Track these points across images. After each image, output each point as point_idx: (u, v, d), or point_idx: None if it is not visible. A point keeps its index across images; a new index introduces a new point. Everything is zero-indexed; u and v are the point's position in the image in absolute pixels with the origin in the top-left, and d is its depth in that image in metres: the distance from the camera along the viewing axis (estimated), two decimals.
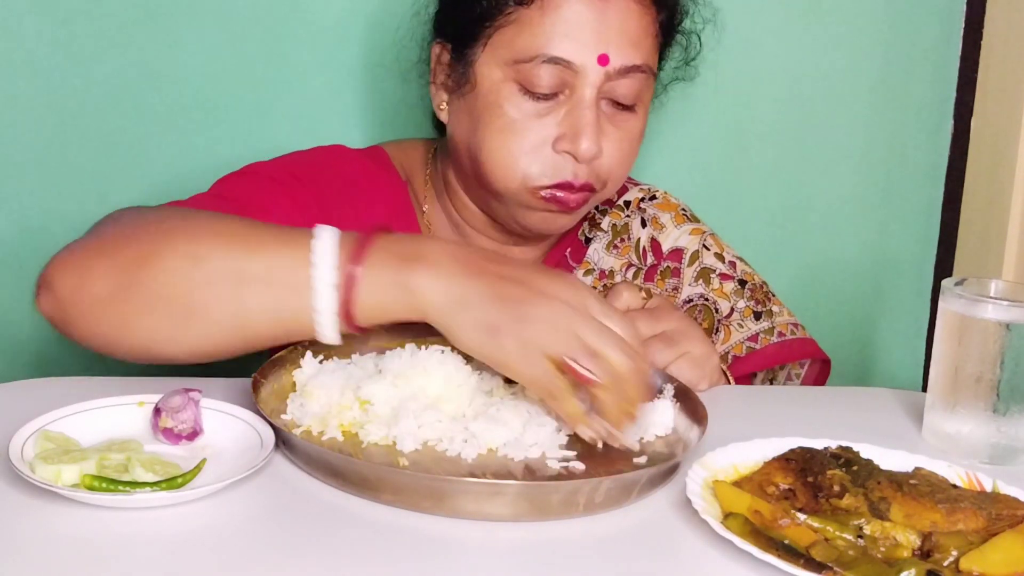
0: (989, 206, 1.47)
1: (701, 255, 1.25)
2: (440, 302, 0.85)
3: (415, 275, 0.85)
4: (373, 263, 0.85)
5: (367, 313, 0.86)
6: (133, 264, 0.87)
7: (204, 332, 0.87)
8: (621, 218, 1.27)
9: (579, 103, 1.07)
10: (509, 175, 1.09)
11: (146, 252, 0.87)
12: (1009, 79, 1.44)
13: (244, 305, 0.86)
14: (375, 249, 0.86)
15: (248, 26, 1.38)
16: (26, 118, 1.36)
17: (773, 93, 1.50)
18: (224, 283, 0.86)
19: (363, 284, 0.85)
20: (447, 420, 0.87)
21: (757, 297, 1.24)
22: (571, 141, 1.07)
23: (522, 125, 1.08)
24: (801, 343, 1.25)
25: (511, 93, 1.08)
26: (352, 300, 0.85)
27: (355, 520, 0.77)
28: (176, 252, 0.87)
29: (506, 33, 1.08)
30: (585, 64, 1.06)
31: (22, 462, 0.77)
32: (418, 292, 0.85)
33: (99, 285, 0.87)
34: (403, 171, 1.25)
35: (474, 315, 0.84)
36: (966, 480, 0.86)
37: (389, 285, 0.85)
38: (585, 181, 1.09)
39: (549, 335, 0.83)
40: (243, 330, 0.87)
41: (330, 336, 0.87)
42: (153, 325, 0.87)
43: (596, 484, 0.79)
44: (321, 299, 0.85)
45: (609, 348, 0.83)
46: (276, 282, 0.85)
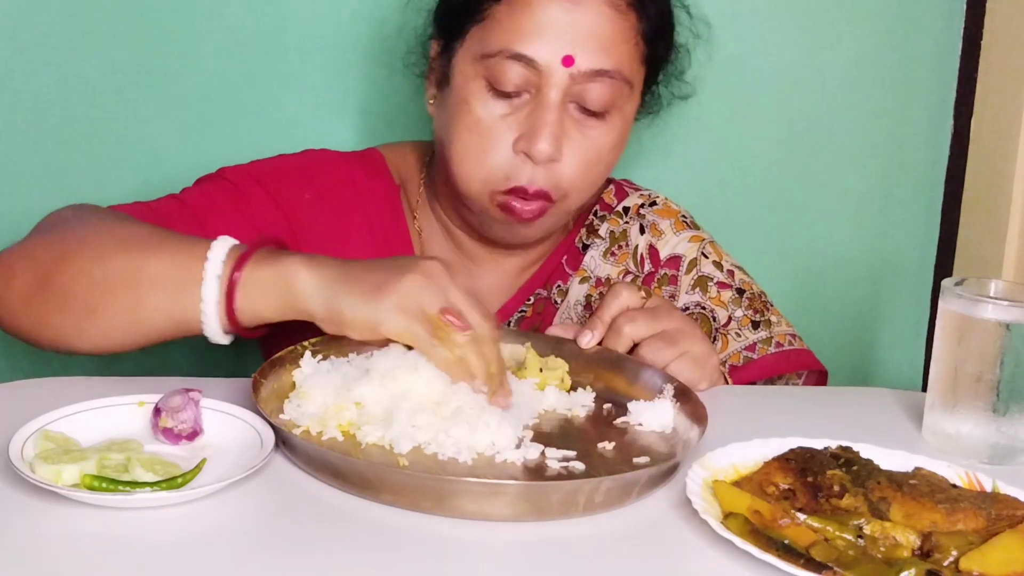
0: (989, 206, 1.47)
1: (699, 263, 1.24)
2: (317, 285, 0.91)
3: (293, 265, 0.91)
4: (259, 257, 0.92)
5: (248, 304, 0.91)
6: (49, 265, 0.95)
7: (105, 328, 0.94)
8: (619, 225, 1.26)
9: (541, 104, 1.07)
10: (470, 174, 1.10)
11: (60, 256, 0.96)
12: (1009, 79, 1.44)
13: (140, 303, 0.93)
14: (264, 251, 0.93)
15: (246, 26, 1.38)
16: (23, 118, 1.36)
17: (773, 94, 1.50)
18: (122, 282, 0.93)
19: (246, 274, 0.91)
20: (441, 420, 0.87)
21: (755, 306, 1.23)
22: (527, 140, 1.07)
23: (486, 125, 1.09)
24: (798, 354, 1.23)
25: (479, 90, 1.09)
26: (234, 290, 0.91)
27: (355, 520, 0.77)
28: (85, 255, 0.95)
29: (479, 29, 1.09)
30: (550, 64, 1.06)
31: (22, 462, 0.77)
32: (294, 280, 0.91)
33: (20, 284, 0.96)
34: (398, 175, 1.25)
35: (353, 285, 0.90)
36: (966, 480, 0.86)
37: (268, 275, 0.91)
38: (540, 187, 1.09)
39: (426, 289, 0.90)
40: (140, 326, 0.94)
41: (215, 330, 0.92)
42: (62, 322, 0.95)
43: (596, 484, 0.79)
44: (206, 288, 0.91)
45: (471, 310, 0.91)
46: (169, 280, 0.92)
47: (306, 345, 0.97)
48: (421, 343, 0.90)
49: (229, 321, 0.92)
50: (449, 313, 0.89)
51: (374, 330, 0.90)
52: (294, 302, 0.91)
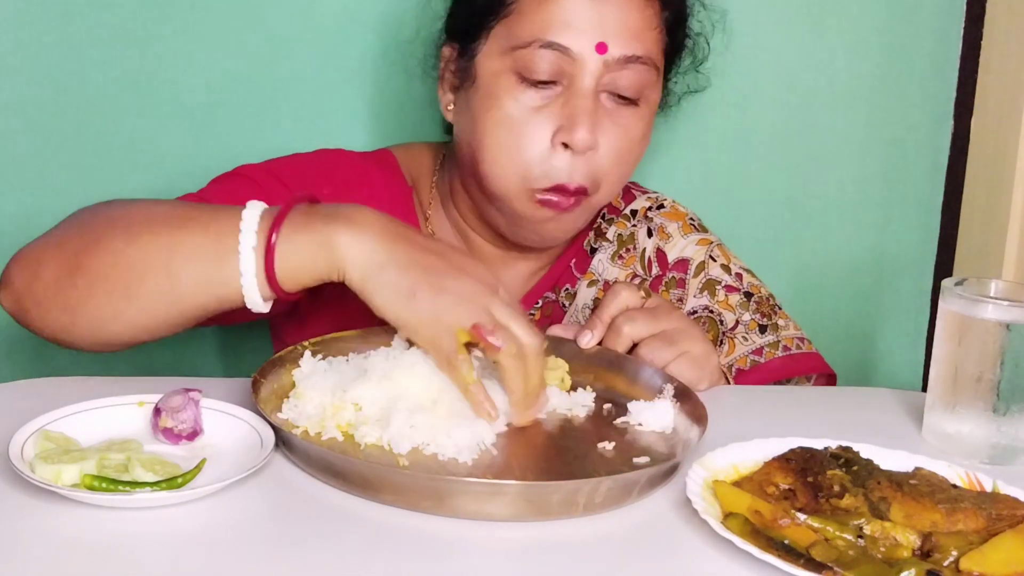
0: (989, 206, 1.47)
1: (707, 266, 1.23)
2: (360, 261, 0.89)
3: (336, 233, 0.89)
4: (294, 222, 0.89)
5: (288, 273, 0.89)
6: (78, 251, 0.92)
7: (142, 307, 0.92)
8: (627, 228, 1.25)
9: (577, 92, 1.07)
10: (507, 173, 1.09)
11: (89, 239, 0.93)
12: (1009, 79, 1.44)
13: (176, 278, 0.90)
14: (297, 212, 0.90)
15: (254, 26, 1.38)
16: (28, 117, 1.36)
17: (773, 93, 1.50)
18: (157, 258, 0.91)
19: (282, 242, 0.89)
20: (439, 420, 0.87)
21: (763, 310, 1.23)
22: (567, 131, 1.06)
23: (520, 119, 1.07)
24: (807, 358, 1.23)
25: (509, 84, 1.08)
26: (272, 259, 0.89)
27: (355, 520, 0.77)
28: (115, 236, 0.92)
29: (506, 24, 1.09)
30: (583, 52, 1.06)
31: (22, 462, 0.77)
32: (338, 249, 0.89)
33: (48, 274, 0.93)
34: (410, 176, 1.25)
35: (393, 277, 0.88)
36: (966, 480, 0.86)
37: (308, 242, 0.89)
38: (579, 184, 1.09)
39: (462, 306, 0.88)
40: (178, 302, 0.92)
41: (256, 300, 0.90)
42: (97, 306, 0.92)
43: (596, 484, 0.79)
44: (244, 261, 0.89)
45: (515, 324, 0.89)
46: (205, 252, 0.90)
47: (306, 345, 0.98)
48: (441, 363, 0.89)
49: (270, 289, 0.90)
50: (482, 329, 0.87)
51: (397, 327, 0.90)
52: (334, 270, 0.90)
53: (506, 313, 0.89)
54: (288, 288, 0.91)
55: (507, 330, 0.88)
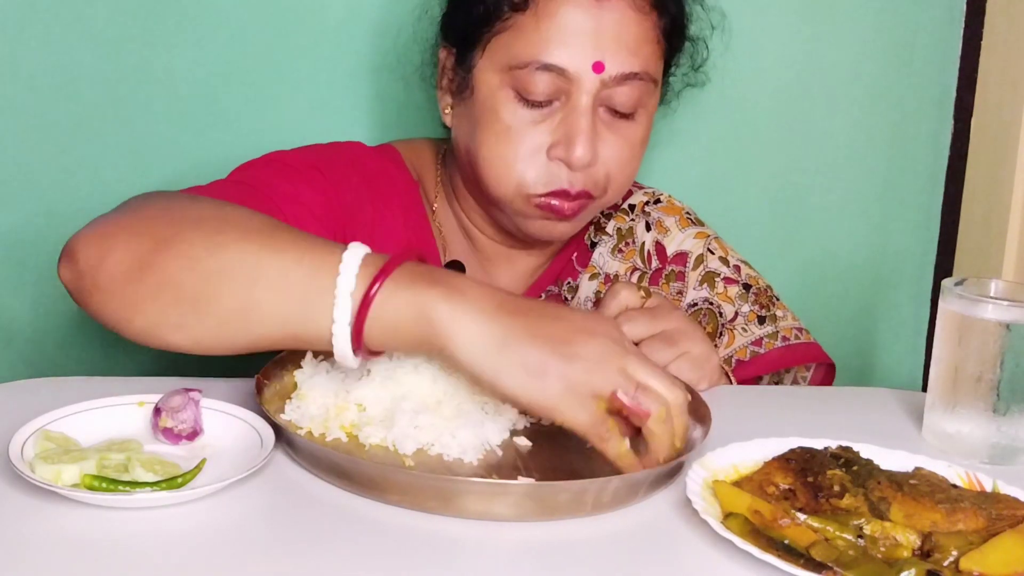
0: (989, 206, 1.47)
1: (706, 259, 1.25)
2: (472, 342, 0.80)
3: (440, 301, 0.80)
4: (400, 277, 0.81)
5: (379, 331, 0.81)
6: (153, 245, 0.84)
7: (210, 324, 0.84)
8: (626, 222, 1.27)
9: (574, 110, 1.07)
10: (504, 182, 1.09)
11: (167, 235, 0.85)
12: (1009, 79, 1.44)
13: (255, 303, 0.82)
14: (407, 266, 0.82)
15: (253, 26, 1.38)
16: (29, 116, 1.36)
17: (773, 93, 1.50)
18: (239, 277, 0.82)
19: (380, 298, 0.80)
20: (443, 421, 0.87)
21: (761, 301, 1.24)
22: (565, 148, 1.07)
23: (517, 132, 1.08)
24: (805, 347, 1.24)
25: (507, 99, 1.08)
26: (365, 312, 0.80)
27: (358, 520, 0.77)
28: (196, 239, 0.84)
29: (503, 39, 1.08)
30: (579, 72, 1.06)
31: (22, 462, 0.77)
32: (440, 322, 0.80)
33: (117, 262, 0.85)
34: (414, 171, 1.25)
35: (516, 356, 0.79)
36: (966, 480, 0.86)
37: (409, 305, 0.80)
38: (581, 189, 1.09)
39: (597, 373, 0.80)
40: (250, 329, 0.84)
41: (345, 351, 0.82)
42: (161, 310, 0.84)
43: (604, 484, 0.79)
44: (337, 309, 0.80)
45: (657, 381, 0.82)
46: (293, 284, 0.81)
47: None
48: (592, 438, 0.81)
49: (356, 343, 0.81)
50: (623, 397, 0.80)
51: (535, 412, 0.83)
52: (434, 345, 0.81)
53: (644, 371, 0.82)
54: (373, 347, 0.82)
55: (649, 390, 0.81)
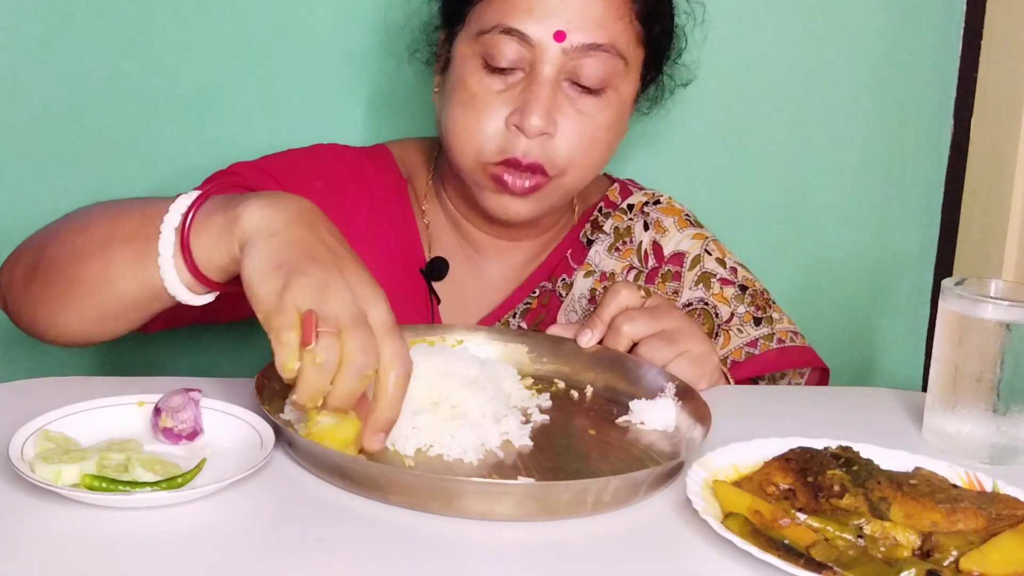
0: (989, 206, 1.47)
1: (702, 259, 1.25)
2: (255, 224, 0.84)
3: (248, 206, 0.85)
4: (214, 202, 0.87)
5: (204, 255, 0.86)
6: (41, 247, 0.97)
7: (85, 294, 0.92)
8: (624, 221, 1.27)
9: (535, 79, 1.09)
10: (464, 149, 1.12)
11: (51, 235, 0.97)
12: (1009, 79, 1.44)
13: (110, 262, 0.90)
14: (218, 197, 0.88)
15: (251, 21, 1.38)
16: (28, 113, 1.37)
17: (773, 93, 1.50)
18: (96, 246, 0.91)
19: (198, 221, 0.86)
20: (442, 421, 0.87)
21: (757, 303, 1.24)
22: (520, 114, 1.09)
23: (481, 100, 1.10)
24: (800, 351, 1.24)
25: (475, 68, 1.11)
26: (187, 238, 0.86)
27: (357, 520, 0.77)
28: (69, 230, 0.95)
29: (479, 10, 1.12)
30: (541, 39, 1.08)
31: (22, 462, 0.77)
32: (240, 219, 0.84)
33: (20, 272, 0.98)
34: (405, 169, 1.26)
35: (273, 247, 0.82)
36: (966, 480, 0.86)
37: (218, 220, 0.85)
38: (534, 160, 1.10)
39: (313, 293, 0.79)
40: (113, 289, 0.91)
41: (175, 284, 0.87)
42: (50, 296, 0.95)
43: (604, 484, 0.79)
44: (163, 242, 0.86)
45: (352, 336, 0.78)
46: (136, 237, 0.89)
47: None
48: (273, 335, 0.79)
49: (192, 275, 0.87)
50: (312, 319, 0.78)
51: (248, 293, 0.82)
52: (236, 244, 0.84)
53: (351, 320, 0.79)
54: (208, 272, 0.87)
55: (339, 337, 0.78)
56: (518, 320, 1.23)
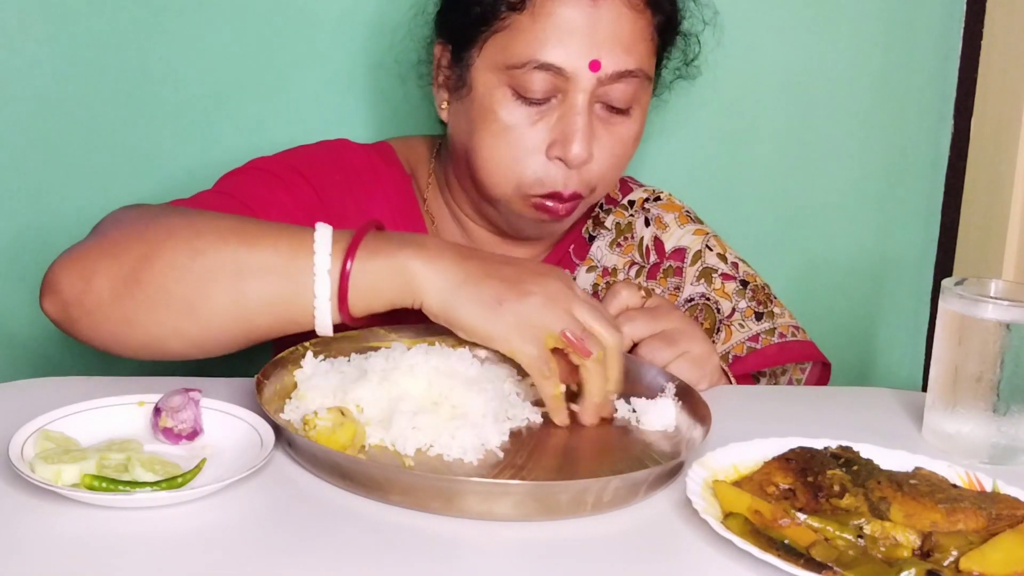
0: (989, 206, 1.47)
1: (703, 255, 1.25)
2: (438, 285, 0.89)
3: (410, 259, 0.90)
4: (368, 248, 0.90)
5: (361, 297, 0.90)
6: (136, 263, 0.89)
7: (206, 325, 0.90)
8: (625, 217, 1.27)
9: (571, 109, 1.08)
10: (502, 181, 1.11)
11: (148, 251, 0.90)
12: (1009, 79, 1.44)
13: (244, 295, 0.89)
14: (370, 237, 0.91)
15: (251, 24, 1.38)
16: (27, 117, 1.36)
17: (773, 93, 1.50)
18: (224, 275, 0.89)
19: (358, 267, 0.89)
20: (442, 421, 0.87)
21: (759, 298, 1.25)
22: (562, 146, 1.08)
23: (515, 131, 1.09)
24: (802, 345, 1.25)
25: (504, 98, 1.09)
26: (346, 284, 0.89)
27: (357, 520, 0.77)
28: (177, 248, 0.90)
29: (500, 39, 1.08)
30: (576, 70, 1.06)
31: (22, 462, 0.77)
32: (413, 276, 0.90)
33: (103, 285, 0.90)
34: (407, 165, 1.26)
35: (475, 291, 0.89)
36: (966, 480, 0.86)
37: (383, 268, 0.89)
38: (574, 191, 1.10)
39: (548, 310, 0.89)
40: (243, 321, 0.91)
41: (326, 324, 0.91)
42: (157, 320, 0.90)
43: (604, 483, 0.79)
44: (319, 284, 0.89)
45: (599, 324, 0.91)
46: (274, 271, 0.89)
47: (307, 346, 0.98)
48: (535, 372, 0.90)
49: (340, 314, 0.91)
50: (571, 335, 0.89)
51: (489, 343, 0.90)
52: (410, 296, 0.90)
53: (589, 314, 0.91)
54: (357, 313, 0.91)
55: (593, 334, 0.90)
56: None
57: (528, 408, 0.95)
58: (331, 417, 0.84)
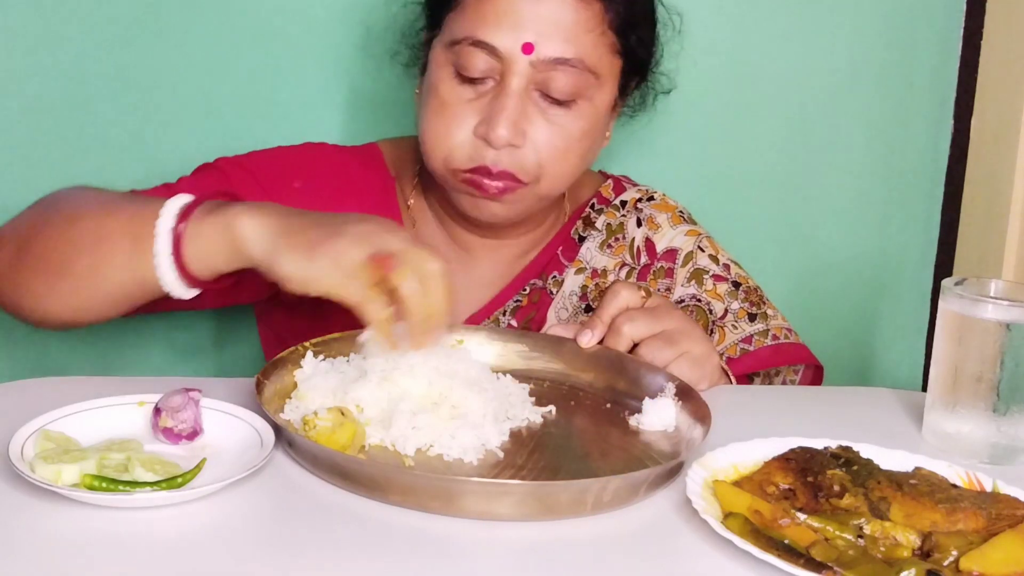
0: (989, 206, 1.47)
1: (695, 256, 1.25)
2: (261, 239, 0.91)
3: (236, 216, 0.92)
4: (206, 209, 0.93)
5: (197, 256, 0.93)
6: (28, 233, 1.01)
7: (73, 284, 0.97)
8: (616, 217, 1.27)
9: (503, 91, 1.09)
10: (434, 155, 1.12)
11: (38, 222, 1.01)
12: (1009, 79, 1.44)
13: (102, 257, 0.95)
14: (213, 203, 0.94)
15: (242, 23, 1.38)
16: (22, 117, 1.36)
17: (773, 93, 1.50)
18: (88, 239, 0.96)
19: (192, 228, 0.92)
20: (442, 422, 0.87)
21: (751, 300, 1.24)
22: (486, 126, 1.09)
23: (451, 109, 1.11)
24: (795, 348, 1.24)
25: (447, 76, 1.11)
26: (180, 242, 0.92)
27: (357, 520, 0.77)
28: (58, 219, 0.99)
29: (452, 18, 1.12)
30: (510, 51, 1.08)
31: (22, 462, 0.77)
32: (239, 232, 0.91)
33: (4, 255, 1.01)
34: (393, 167, 1.27)
35: (293, 240, 0.90)
36: (966, 480, 0.86)
37: (213, 227, 0.92)
38: (504, 169, 1.10)
39: (358, 246, 0.88)
40: (103, 282, 0.96)
41: (171, 282, 0.94)
42: (37, 283, 0.99)
43: (604, 483, 0.79)
44: (159, 242, 0.93)
45: (414, 252, 0.88)
46: (128, 235, 0.94)
47: (307, 345, 0.98)
48: (353, 300, 0.88)
49: (182, 273, 0.93)
50: (378, 258, 0.87)
51: (307, 287, 0.89)
52: (238, 250, 0.92)
53: (403, 245, 0.89)
54: (198, 272, 0.93)
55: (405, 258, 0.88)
56: (508, 318, 1.23)
57: (528, 408, 0.95)
58: (331, 417, 0.84)
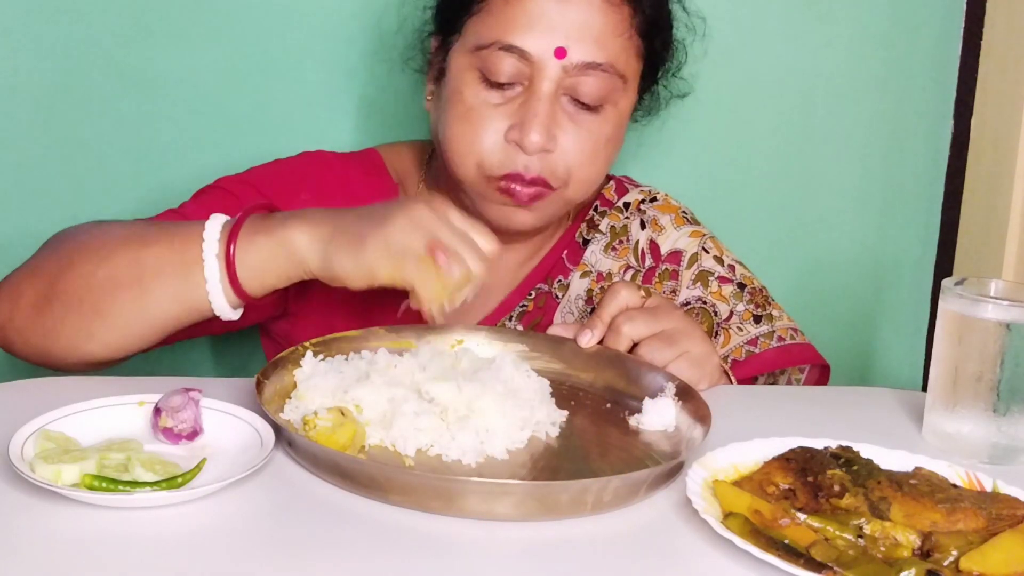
0: (989, 206, 1.47)
1: (700, 258, 1.25)
2: (315, 247, 0.91)
3: (291, 229, 0.92)
4: (251, 228, 0.93)
5: (250, 276, 0.93)
6: (51, 278, 0.96)
7: (116, 324, 0.95)
8: (620, 220, 1.26)
9: (533, 95, 1.08)
10: (464, 162, 1.11)
11: (61, 266, 0.97)
12: (1009, 79, 1.44)
13: (145, 294, 0.94)
14: (254, 218, 0.94)
15: (243, 27, 1.38)
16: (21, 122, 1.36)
17: (773, 93, 1.50)
18: (127, 275, 0.94)
19: (241, 247, 0.92)
20: (443, 423, 0.87)
21: (757, 301, 1.24)
22: (519, 131, 1.08)
23: (478, 113, 1.10)
24: (800, 348, 1.24)
25: (472, 80, 1.10)
26: (233, 265, 0.92)
27: (358, 520, 0.77)
28: (84, 260, 0.96)
29: (476, 22, 1.11)
30: (542, 56, 1.07)
31: (22, 462, 0.77)
32: (293, 245, 0.92)
33: (27, 304, 0.97)
34: (396, 174, 1.26)
35: (343, 239, 0.91)
36: (966, 480, 0.86)
37: (266, 244, 0.92)
38: (536, 175, 1.10)
39: (410, 232, 0.90)
40: (149, 317, 0.95)
41: (222, 307, 0.94)
42: (73, 327, 0.95)
43: (605, 483, 0.79)
44: (208, 268, 0.92)
45: (466, 251, 0.91)
46: (170, 265, 0.93)
47: (307, 345, 0.98)
48: (412, 279, 0.90)
49: (236, 295, 0.94)
50: (438, 248, 0.89)
51: (366, 279, 0.91)
52: (296, 264, 0.93)
53: (455, 239, 0.91)
54: (253, 291, 0.94)
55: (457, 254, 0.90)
56: (515, 323, 1.23)
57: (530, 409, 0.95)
58: (331, 417, 0.84)
